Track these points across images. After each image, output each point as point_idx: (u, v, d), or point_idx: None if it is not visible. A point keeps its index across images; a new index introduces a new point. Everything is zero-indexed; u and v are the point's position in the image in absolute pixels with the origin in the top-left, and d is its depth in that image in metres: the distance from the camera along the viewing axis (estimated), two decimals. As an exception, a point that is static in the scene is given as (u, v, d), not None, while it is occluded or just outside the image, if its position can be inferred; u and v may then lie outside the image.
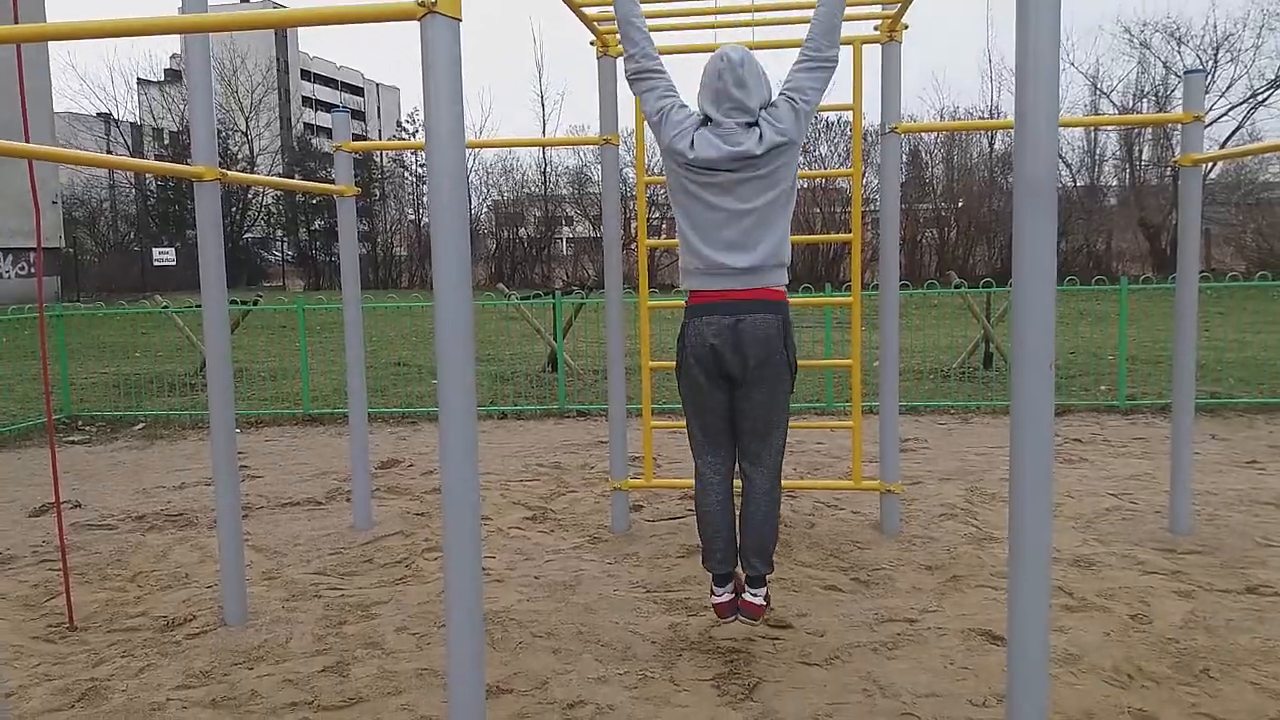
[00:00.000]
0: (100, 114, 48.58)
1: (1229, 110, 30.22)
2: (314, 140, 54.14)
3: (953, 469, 6.17)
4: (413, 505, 5.55)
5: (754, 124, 3.26)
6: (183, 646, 3.54)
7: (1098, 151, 34.03)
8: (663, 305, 5.76)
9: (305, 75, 73.57)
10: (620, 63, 3.77)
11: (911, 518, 5.00)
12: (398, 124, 66.85)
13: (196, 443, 7.79)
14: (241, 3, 61.33)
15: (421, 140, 2.35)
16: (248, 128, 46.91)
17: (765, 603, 3.38)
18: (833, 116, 33.70)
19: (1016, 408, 2.09)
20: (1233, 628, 3.47)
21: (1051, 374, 2.06)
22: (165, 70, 56.70)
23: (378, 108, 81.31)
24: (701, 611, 3.75)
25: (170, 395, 9.85)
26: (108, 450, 7.61)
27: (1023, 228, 2.06)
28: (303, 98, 71.62)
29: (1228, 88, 30.13)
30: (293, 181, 8.34)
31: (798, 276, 28.87)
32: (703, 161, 3.25)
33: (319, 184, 5.78)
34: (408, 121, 52.34)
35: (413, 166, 44.63)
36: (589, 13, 4.43)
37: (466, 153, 2.09)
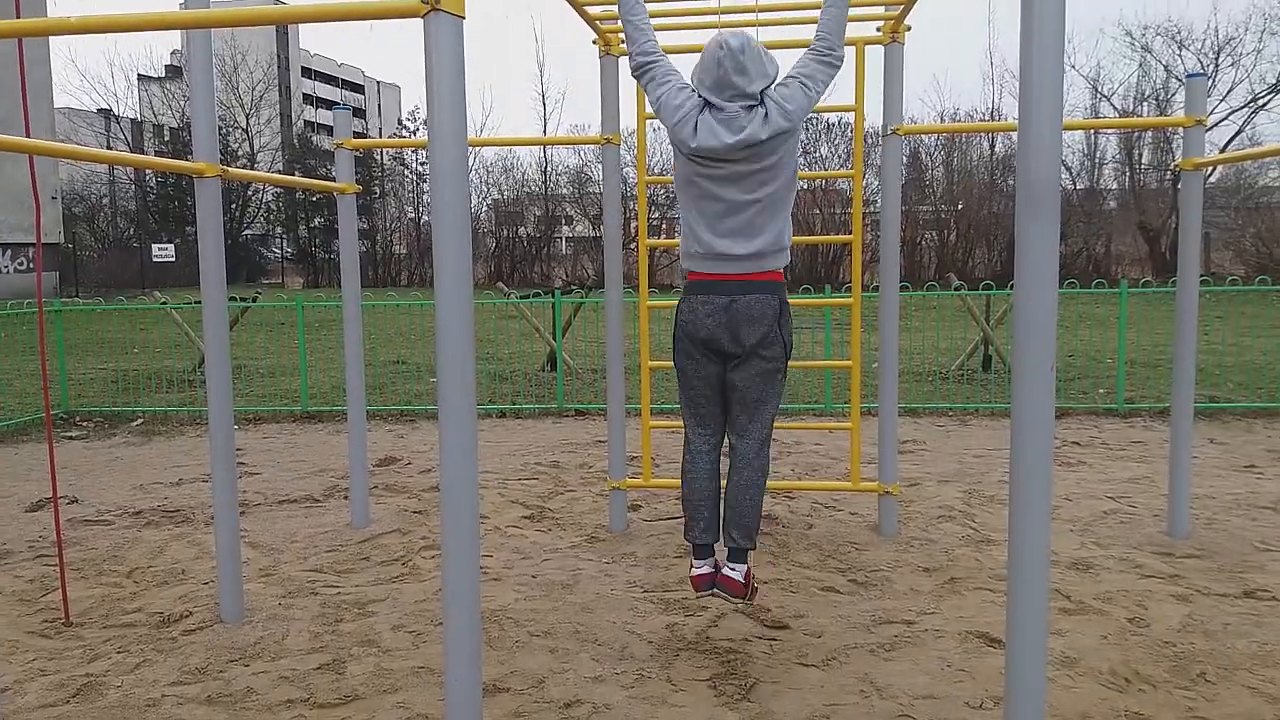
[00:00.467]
0: (101, 110, 48.63)
1: (1230, 114, 30.28)
2: (314, 138, 54.14)
3: (951, 471, 6.17)
4: (410, 503, 5.55)
5: (757, 104, 3.25)
6: (179, 643, 3.54)
7: (1097, 155, 34.07)
8: (662, 305, 5.74)
9: (306, 72, 73.55)
10: (624, 61, 3.78)
11: (909, 519, 5.00)
12: (398, 122, 66.85)
13: (194, 439, 7.79)
14: (243, -1, 61.33)
15: (422, 138, 2.35)
16: (248, 124, 46.90)
17: (745, 581, 3.30)
18: (833, 118, 33.72)
19: (1017, 411, 2.09)
20: (1230, 632, 3.47)
21: (1053, 377, 2.05)
22: (166, 66, 56.65)
23: (378, 105, 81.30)
24: (699, 611, 3.75)
25: (168, 391, 9.85)
26: (105, 446, 7.60)
27: (1025, 231, 2.05)
28: (303, 95, 71.60)
29: (1228, 92, 30.18)
30: (293, 178, 8.35)
31: (798, 278, 28.88)
32: (705, 151, 3.24)
33: (319, 181, 5.78)
34: (408, 120, 52.34)
35: (413, 165, 44.63)
36: (591, 11, 4.43)
37: (468, 151, 2.08)
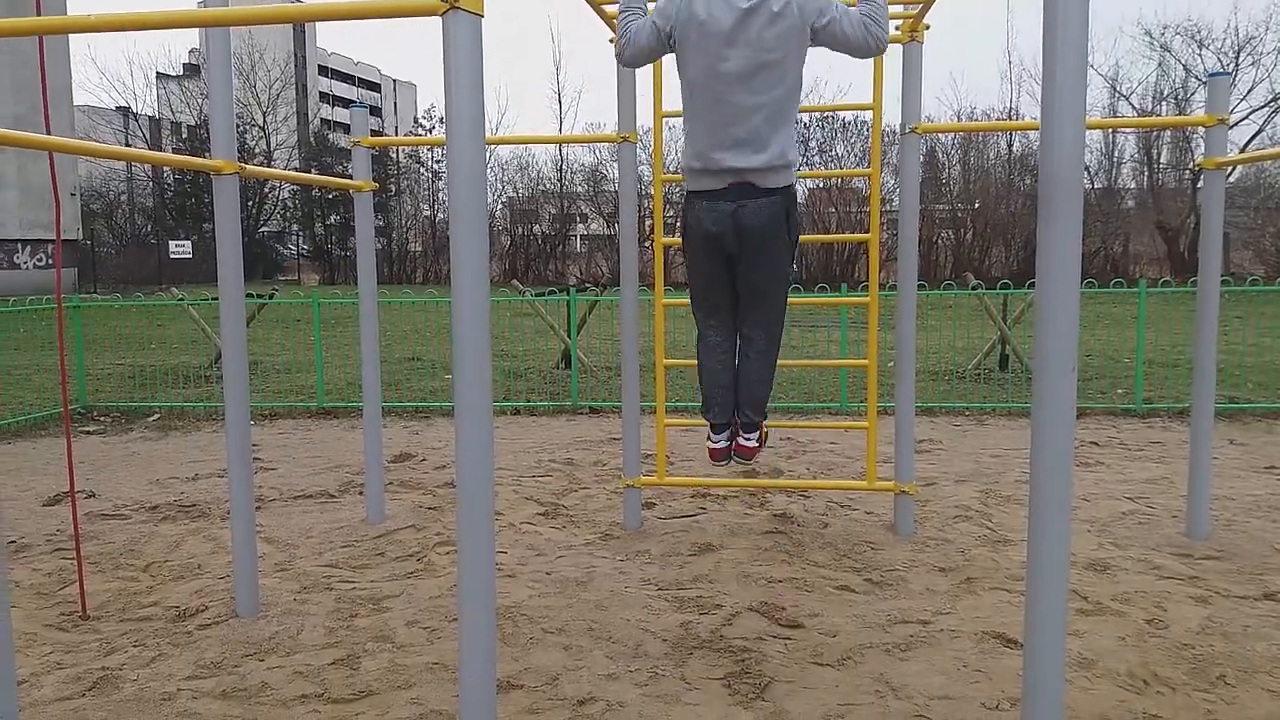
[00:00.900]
0: (119, 108, 48.91)
1: (1250, 114, 30.02)
2: (331, 135, 54.34)
3: (968, 471, 6.14)
4: (425, 499, 5.56)
5: None
6: (194, 637, 3.56)
7: (1116, 154, 33.86)
8: (678, 303, 5.73)
9: (323, 71, 73.83)
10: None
11: (925, 519, 4.97)
12: (415, 120, 67.08)
13: (210, 434, 7.83)
14: (261, -3, 61.52)
15: (438, 136, 2.35)
16: (265, 122, 47.12)
17: (759, 444, 3.82)
18: (850, 116, 33.61)
19: (1037, 412, 2.07)
20: (1249, 634, 3.44)
21: (1073, 377, 2.04)
22: (184, 65, 56.96)
23: (394, 104, 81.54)
24: (713, 610, 3.74)
25: (185, 387, 9.91)
26: (122, 441, 7.65)
27: (1046, 232, 2.03)
28: (320, 93, 71.87)
29: (1249, 91, 29.95)
30: (310, 176, 8.38)
31: (813, 277, 28.78)
32: (715, 26, 3.24)
33: (336, 179, 5.80)
34: (424, 118, 52.48)
35: (428, 163, 44.75)
36: (608, 10, 4.43)
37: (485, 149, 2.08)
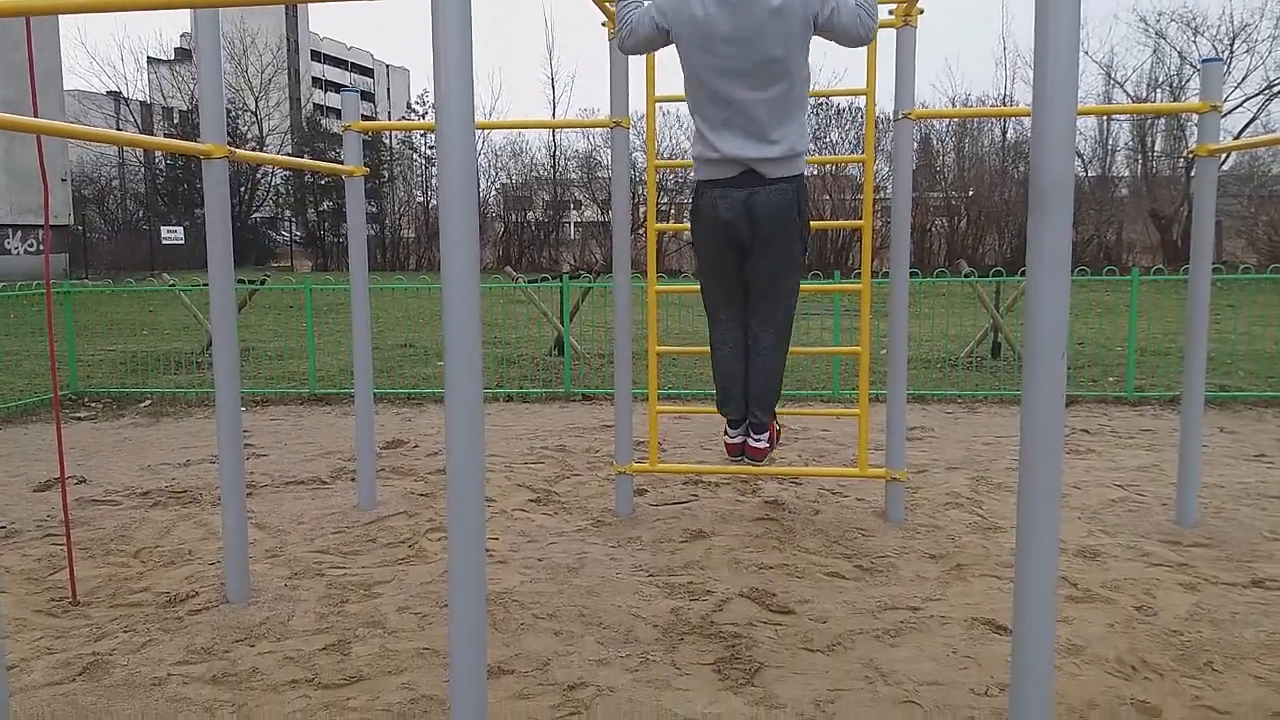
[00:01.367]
0: (110, 92, 48.62)
1: (1244, 101, 30.07)
2: (323, 121, 54.10)
3: (959, 458, 6.15)
4: (417, 486, 5.56)
5: None
6: (185, 622, 3.55)
7: (1110, 142, 33.88)
8: (671, 290, 5.74)
9: (315, 56, 73.40)
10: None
11: (916, 506, 4.99)
12: (407, 105, 66.66)
13: (202, 420, 7.81)
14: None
15: (431, 121, 2.33)
16: (257, 107, 46.87)
17: (769, 446, 3.92)
18: (843, 102, 33.55)
19: (1027, 398, 2.07)
20: (1238, 621, 3.46)
21: (1064, 365, 2.04)
22: (175, 49, 56.64)
23: (387, 89, 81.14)
24: (704, 596, 3.75)
25: (176, 373, 9.88)
26: (113, 427, 7.63)
27: (1037, 220, 2.03)
28: (312, 78, 71.46)
29: (1243, 79, 30.00)
30: (302, 161, 8.33)
31: (806, 264, 28.76)
32: (713, 25, 3.23)
33: (328, 164, 5.77)
34: (417, 103, 52.27)
35: (421, 149, 44.58)
36: (603, -4, 4.40)
37: (476, 134, 2.07)
